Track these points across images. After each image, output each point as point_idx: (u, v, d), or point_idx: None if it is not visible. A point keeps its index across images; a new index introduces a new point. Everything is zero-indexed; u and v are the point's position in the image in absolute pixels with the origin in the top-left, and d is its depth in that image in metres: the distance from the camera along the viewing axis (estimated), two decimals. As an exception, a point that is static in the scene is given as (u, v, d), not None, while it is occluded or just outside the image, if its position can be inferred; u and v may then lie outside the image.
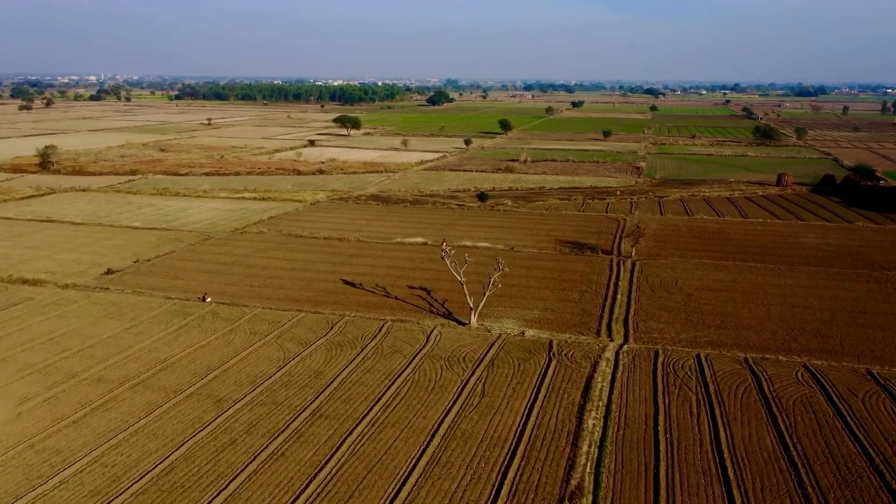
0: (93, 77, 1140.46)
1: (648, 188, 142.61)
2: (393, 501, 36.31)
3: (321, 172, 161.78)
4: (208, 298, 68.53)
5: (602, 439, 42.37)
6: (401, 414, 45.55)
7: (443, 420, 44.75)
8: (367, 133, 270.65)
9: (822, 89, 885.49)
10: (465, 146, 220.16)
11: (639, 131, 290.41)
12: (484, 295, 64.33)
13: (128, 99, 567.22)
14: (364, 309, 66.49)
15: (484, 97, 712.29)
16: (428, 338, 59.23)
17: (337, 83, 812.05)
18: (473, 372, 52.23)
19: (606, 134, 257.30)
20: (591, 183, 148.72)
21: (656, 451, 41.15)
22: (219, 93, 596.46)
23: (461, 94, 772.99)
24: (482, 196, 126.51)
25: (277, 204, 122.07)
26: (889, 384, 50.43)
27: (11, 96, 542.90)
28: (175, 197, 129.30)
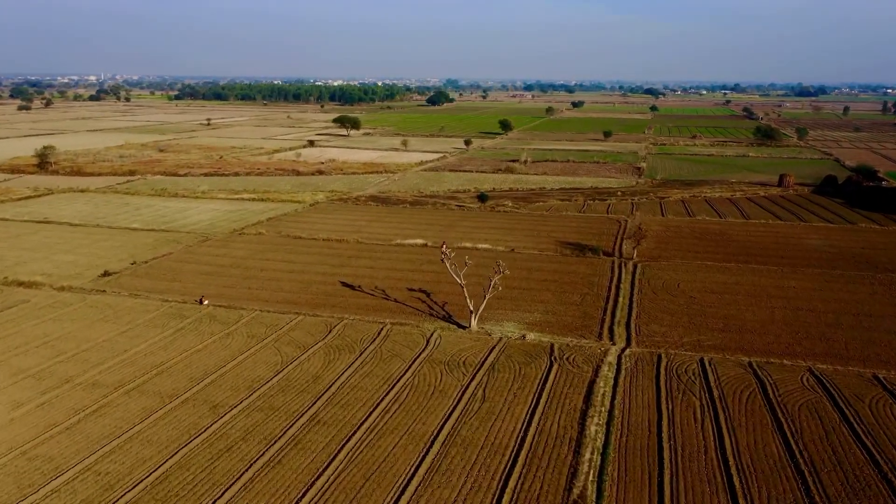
0: (93, 77, 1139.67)
1: (649, 189, 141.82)
2: (392, 511, 35.57)
3: (320, 173, 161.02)
4: (205, 301, 67.77)
5: (605, 446, 41.58)
6: (400, 420, 44.78)
7: (442, 426, 43.97)
8: (367, 133, 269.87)
9: (823, 89, 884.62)
10: (465, 146, 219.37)
11: (639, 131, 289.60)
12: (484, 298, 63.56)
13: (127, 99, 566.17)
14: (363, 312, 65.72)
15: (484, 97, 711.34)
16: (428, 341, 58.45)
17: (337, 83, 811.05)
18: (474, 376, 51.46)
19: (607, 134, 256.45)
20: (592, 184, 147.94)
21: (660, 459, 40.38)
22: (218, 93, 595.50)
23: (461, 95, 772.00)
24: (482, 197, 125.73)
25: (276, 205, 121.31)
26: (896, 389, 49.67)
27: (11, 96, 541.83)
28: (173, 198, 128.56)
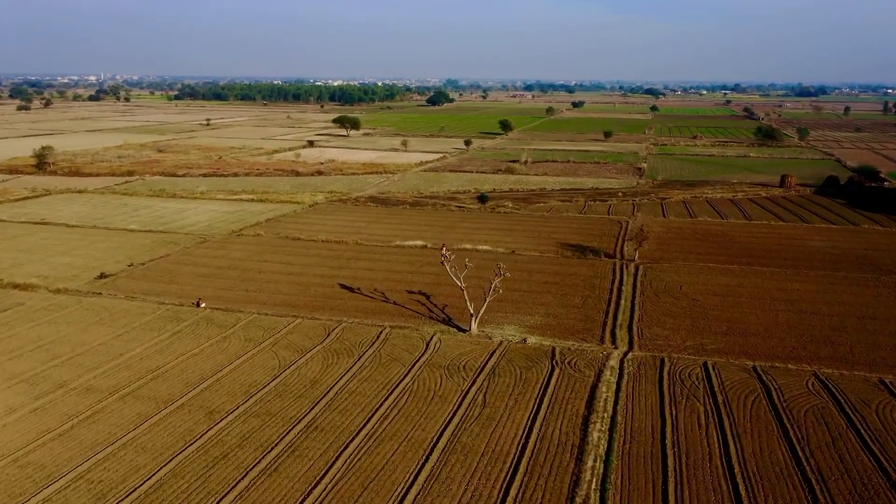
0: (92, 77, 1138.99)
1: (650, 189, 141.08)
2: (390, 520, 34.82)
3: (320, 173, 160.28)
4: (202, 304, 67.00)
5: (608, 453, 40.80)
6: (399, 426, 44.01)
7: (442, 432, 43.20)
8: (367, 133, 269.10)
9: (823, 89, 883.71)
10: (466, 147, 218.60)
11: (640, 132, 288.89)
12: (485, 300, 62.80)
13: (127, 99, 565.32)
14: (362, 315, 64.97)
15: (484, 97, 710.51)
16: (427, 345, 57.69)
17: (337, 83, 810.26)
18: (474, 381, 50.69)
19: (607, 134, 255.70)
20: (593, 184, 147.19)
21: (664, 467, 39.60)
22: (218, 93, 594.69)
23: (461, 95, 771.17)
24: (482, 198, 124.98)
25: (275, 206, 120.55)
26: (903, 394, 48.87)
27: (10, 96, 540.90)
28: (172, 198, 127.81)
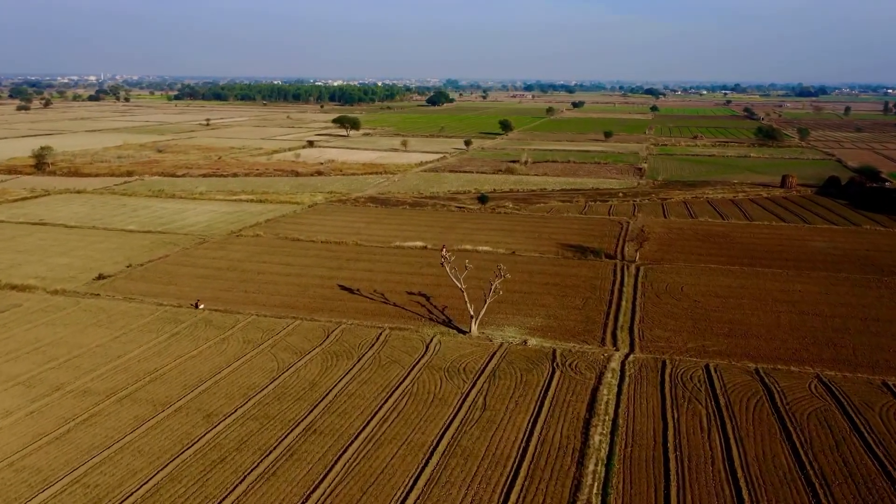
0: (92, 77, 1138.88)
1: (651, 190, 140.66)
2: (389, 526, 34.40)
3: (320, 174, 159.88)
4: (201, 305, 66.60)
5: (609, 457, 40.40)
6: (398, 429, 43.60)
7: (442, 436, 42.80)
8: (367, 133, 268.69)
9: (823, 89, 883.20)
10: (466, 147, 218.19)
11: (640, 132, 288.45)
12: (485, 302, 62.39)
13: (126, 99, 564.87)
14: (361, 316, 64.57)
15: (484, 97, 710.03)
16: (427, 347, 57.28)
17: (336, 83, 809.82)
18: (474, 384, 50.30)
19: (608, 134, 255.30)
20: (593, 185, 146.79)
21: (666, 471, 39.20)
22: (218, 93, 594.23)
23: (461, 95, 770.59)
24: (483, 198, 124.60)
25: (275, 206, 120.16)
26: (906, 397, 48.47)
27: (10, 96, 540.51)
28: (171, 199, 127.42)
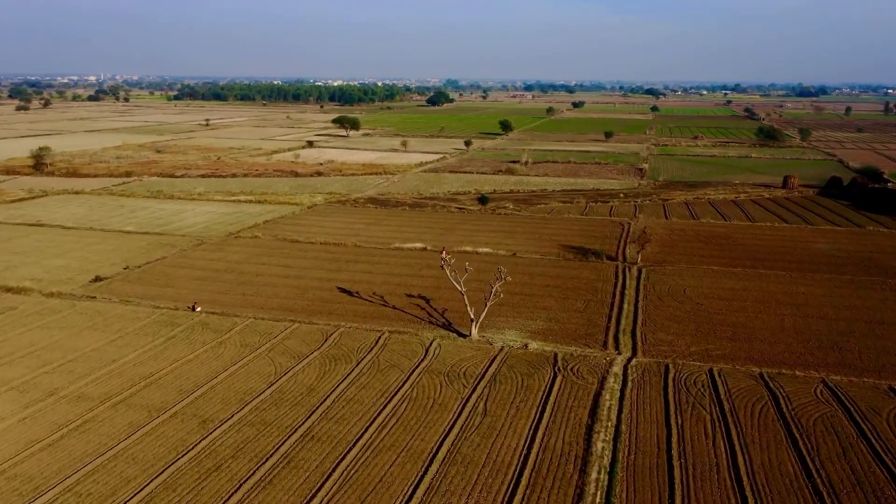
0: (92, 77, 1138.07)
1: (652, 190, 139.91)
2: (388, 536, 33.63)
3: (319, 174, 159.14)
4: (198, 308, 65.84)
5: (612, 465, 39.63)
6: (397, 436, 42.84)
7: (442, 442, 42.04)
8: (367, 134, 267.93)
9: (823, 89, 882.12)
10: (466, 147, 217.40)
11: (640, 132, 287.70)
12: (485, 305, 61.62)
13: (126, 99, 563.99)
14: (360, 319, 63.82)
15: (484, 97, 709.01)
16: (427, 351, 56.53)
17: (336, 83, 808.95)
18: (475, 388, 49.54)
19: (608, 135, 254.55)
20: (594, 185, 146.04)
21: (670, 479, 38.44)
22: (218, 93, 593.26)
23: (461, 95, 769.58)
24: (483, 199, 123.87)
25: (273, 207, 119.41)
26: (914, 402, 47.71)
27: (10, 96, 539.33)
28: (169, 200, 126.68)
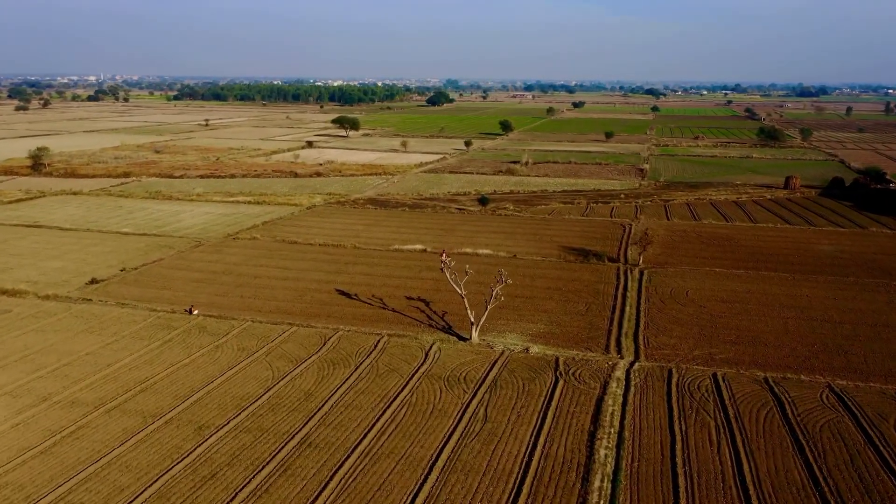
0: (92, 77, 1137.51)
1: (653, 191, 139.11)
2: (386, 547, 32.86)
3: (319, 175, 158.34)
4: (195, 311, 65.05)
5: (615, 472, 38.85)
6: (396, 443, 42.06)
7: (441, 449, 41.26)
8: (367, 134, 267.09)
9: (824, 90, 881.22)
10: (466, 148, 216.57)
11: (641, 132, 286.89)
12: (486, 308, 60.85)
13: (126, 99, 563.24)
14: (359, 322, 63.03)
15: (484, 98, 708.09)
16: (426, 355, 55.75)
17: (336, 84, 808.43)
18: (475, 394, 48.76)
19: (608, 135, 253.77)
20: (595, 186, 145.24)
21: (675, 487, 37.66)
22: (217, 93, 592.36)
23: (461, 95, 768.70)
24: (483, 200, 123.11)
25: (272, 208, 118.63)
26: (921, 408, 46.92)
27: (9, 97, 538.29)
28: (168, 200, 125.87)
